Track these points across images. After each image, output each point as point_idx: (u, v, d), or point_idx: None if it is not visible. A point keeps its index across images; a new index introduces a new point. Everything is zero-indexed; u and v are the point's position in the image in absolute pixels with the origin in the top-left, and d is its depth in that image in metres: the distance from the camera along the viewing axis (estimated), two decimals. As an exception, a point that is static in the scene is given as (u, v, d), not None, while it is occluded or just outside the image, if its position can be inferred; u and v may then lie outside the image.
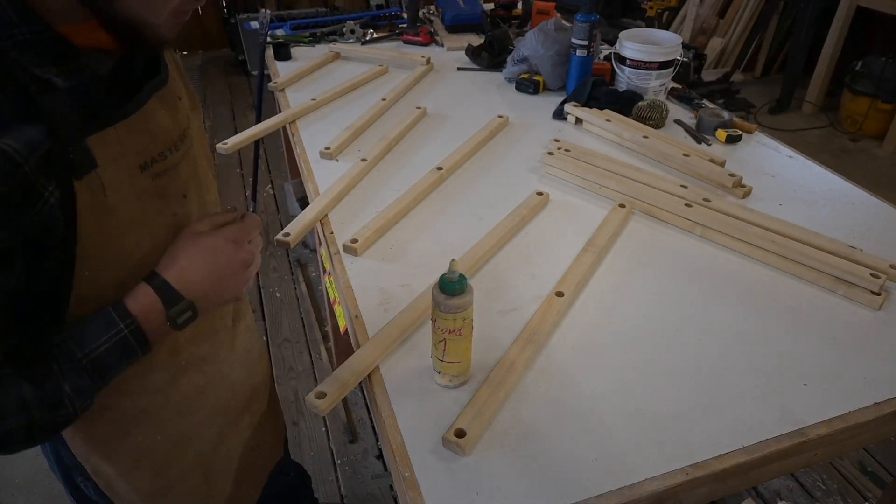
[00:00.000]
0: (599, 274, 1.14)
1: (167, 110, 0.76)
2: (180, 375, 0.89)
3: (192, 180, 0.82)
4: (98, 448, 0.87)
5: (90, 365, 0.68)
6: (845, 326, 1.03)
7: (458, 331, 0.84)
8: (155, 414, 0.89)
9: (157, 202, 0.75)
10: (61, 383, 0.66)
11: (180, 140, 0.78)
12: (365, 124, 1.63)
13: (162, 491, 0.96)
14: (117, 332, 0.70)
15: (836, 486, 1.90)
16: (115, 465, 0.89)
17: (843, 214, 1.31)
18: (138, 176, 0.71)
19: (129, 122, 0.69)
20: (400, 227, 1.27)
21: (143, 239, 0.74)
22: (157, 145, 0.73)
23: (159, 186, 0.74)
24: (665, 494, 0.78)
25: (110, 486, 0.92)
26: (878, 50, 3.92)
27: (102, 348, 0.69)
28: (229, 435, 1.05)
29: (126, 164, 0.69)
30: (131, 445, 0.89)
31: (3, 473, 1.98)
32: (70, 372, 0.67)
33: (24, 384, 0.64)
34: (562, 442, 0.83)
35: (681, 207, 1.25)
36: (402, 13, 2.46)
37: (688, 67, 2.01)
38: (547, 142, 1.55)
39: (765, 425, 0.86)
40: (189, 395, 0.92)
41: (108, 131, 0.66)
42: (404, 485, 0.78)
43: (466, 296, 0.83)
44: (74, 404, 0.68)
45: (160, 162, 0.73)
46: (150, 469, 0.93)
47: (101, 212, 0.67)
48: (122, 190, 0.69)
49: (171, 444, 0.94)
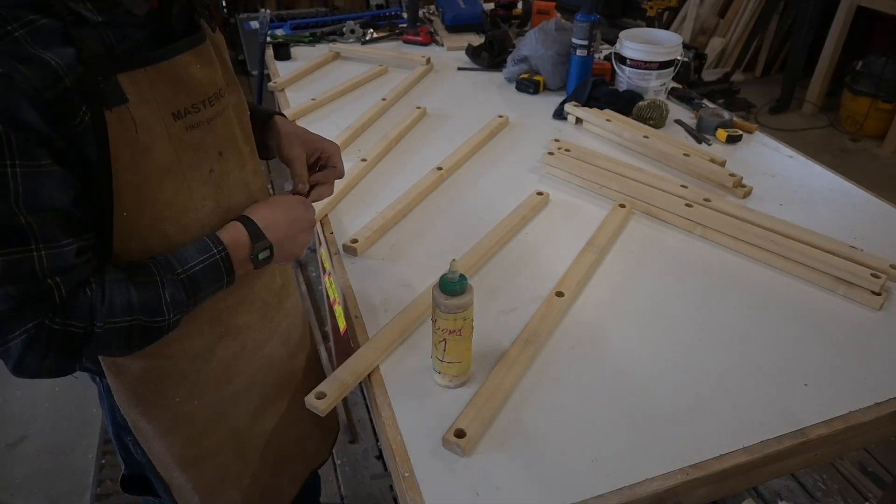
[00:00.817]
0: (599, 274, 1.14)
1: (203, 66, 0.79)
2: (218, 343, 0.94)
3: (229, 141, 0.86)
4: (139, 405, 0.93)
5: (187, 280, 0.77)
6: (845, 326, 1.03)
7: (459, 331, 0.84)
8: (192, 378, 0.94)
9: (191, 154, 0.80)
10: (162, 292, 0.75)
11: (215, 97, 0.82)
12: (365, 124, 1.63)
13: (196, 460, 1.01)
14: (211, 256, 0.79)
15: (836, 487, 1.90)
16: (153, 424, 0.95)
17: (844, 214, 1.31)
18: (172, 123, 0.76)
19: (160, 67, 0.73)
20: (400, 227, 1.27)
21: (181, 190, 0.79)
22: (189, 96, 0.78)
23: (194, 139, 0.79)
24: (665, 494, 0.78)
25: (149, 444, 0.98)
26: (879, 50, 3.92)
27: (198, 267, 0.78)
28: (266, 416, 1.09)
29: (158, 107, 0.74)
30: (169, 407, 0.94)
31: (3, 473, 1.98)
32: (170, 283, 0.76)
33: (133, 288, 0.73)
34: (562, 442, 0.83)
35: (681, 207, 1.25)
36: (402, 13, 2.46)
37: (688, 67, 2.01)
38: (547, 142, 1.55)
39: (765, 425, 0.86)
40: (225, 361, 0.96)
41: (138, 72, 0.71)
42: (404, 485, 0.78)
43: (466, 296, 0.83)
44: (170, 314, 0.77)
45: (193, 114, 0.78)
46: (185, 435, 0.98)
47: (135, 149, 0.73)
48: (155, 132, 0.74)
49: (207, 412, 0.99)
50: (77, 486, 1.94)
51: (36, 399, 2.23)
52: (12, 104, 0.63)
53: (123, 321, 0.73)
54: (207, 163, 0.82)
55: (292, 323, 1.10)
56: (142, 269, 0.75)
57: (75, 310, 0.70)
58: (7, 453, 2.05)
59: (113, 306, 0.72)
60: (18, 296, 0.67)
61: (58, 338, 0.69)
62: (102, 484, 1.95)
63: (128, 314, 0.73)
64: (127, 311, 0.73)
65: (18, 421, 2.16)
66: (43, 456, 2.04)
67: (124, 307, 0.72)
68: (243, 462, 1.09)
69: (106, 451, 2.05)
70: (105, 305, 0.71)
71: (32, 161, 0.65)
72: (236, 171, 0.88)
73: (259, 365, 1.03)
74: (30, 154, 0.65)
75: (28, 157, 0.65)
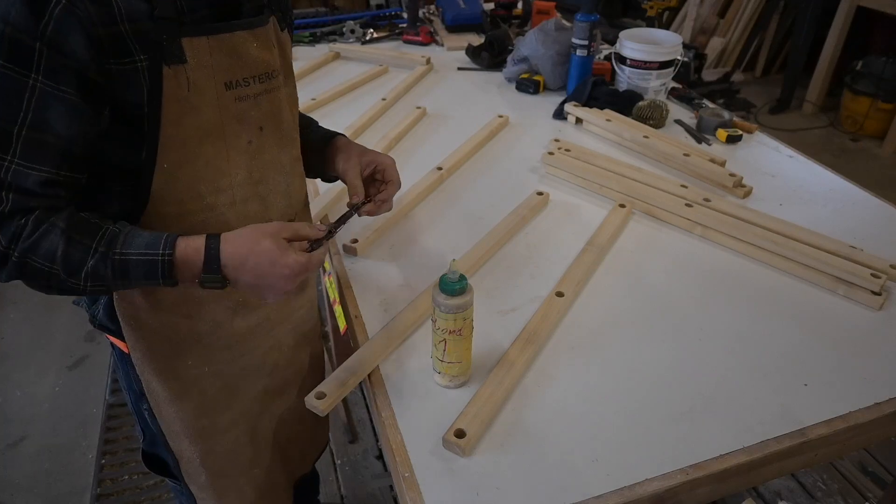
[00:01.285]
0: (599, 274, 1.14)
1: (259, 45, 0.84)
2: (235, 314, 0.96)
3: (272, 119, 0.89)
4: (152, 363, 0.96)
5: (118, 262, 0.77)
6: (845, 326, 1.03)
7: (459, 331, 0.84)
8: (207, 342, 0.96)
9: (235, 124, 0.84)
10: (88, 259, 0.76)
11: (266, 76, 0.86)
12: (365, 124, 1.63)
13: (205, 433, 1.03)
14: (153, 255, 0.78)
15: (836, 487, 1.90)
16: (165, 385, 0.98)
17: (844, 214, 1.31)
18: (223, 92, 0.81)
19: (220, 38, 0.79)
20: (400, 227, 1.27)
21: (219, 154, 0.83)
22: (242, 70, 0.82)
23: (240, 109, 0.83)
24: (665, 495, 0.78)
25: (159, 407, 1.01)
26: (879, 50, 3.92)
27: (134, 257, 0.77)
28: (275, 404, 1.11)
29: (213, 74, 0.79)
30: (182, 370, 0.97)
31: (3, 473, 1.98)
32: (100, 256, 0.76)
33: (63, 243, 0.74)
34: (562, 442, 0.83)
35: (681, 207, 1.25)
36: (402, 13, 2.46)
37: (688, 67, 2.01)
38: (547, 142, 1.55)
39: (765, 425, 0.86)
40: (239, 332, 0.99)
41: (201, 39, 0.77)
42: (404, 485, 0.78)
43: (466, 296, 0.83)
44: (87, 282, 0.77)
45: (243, 87, 0.83)
46: (196, 403, 1.01)
47: (185, 106, 0.78)
48: (206, 96, 0.79)
49: (217, 383, 1.01)
50: (77, 486, 1.94)
51: (36, 399, 2.23)
52: (62, 29, 0.68)
53: (42, 265, 0.75)
54: (247, 134, 0.86)
55: (306, 314, 1.12)
56: (88, 230, 0.77)
57: (4, 228, 0.73)
58: (7, 453, 2.05)
59: (37, 246, 0.74)
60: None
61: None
62: (102, 484, 1.95)
63: (48, 261, 0.75)
64: (48, 258, 0.74)
65: (18, 421, 2.16)
66: (43, 456, 2.04)
67: (47, 254, 0.74)
68: (253, 449, 1.11)
69: (106, 452, 2.05)
70: (30, 241, 0.74)
71: (55, 83, 0.70)
72: (274, 149, 0.91)
73: (269, 345, 1.05)
74: (56, 76, 0.70)
75: (53, 79, 0.69)
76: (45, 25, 0.67)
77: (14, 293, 2.68)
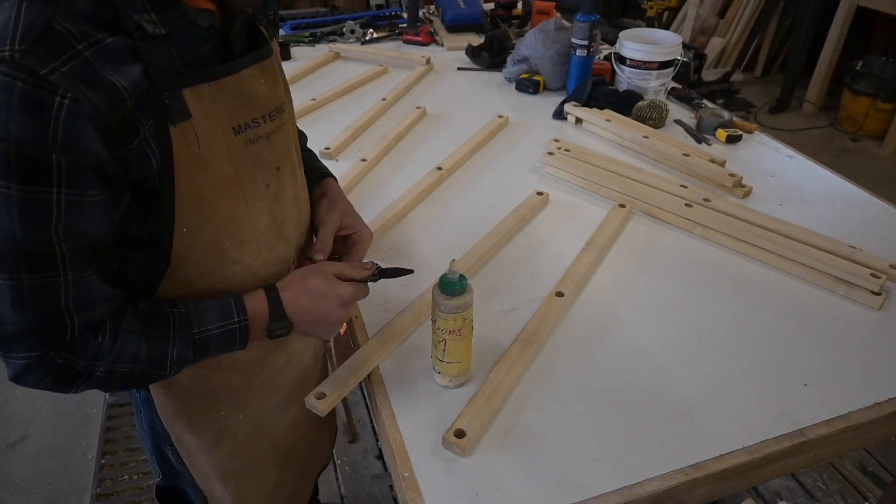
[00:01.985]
0: (599, 274, 1.14)
1: (267, 81, 0.79)
2: (267, 357, 0.95)
3: (286, 155, 0.85)
4: (185, 418, 0.93)
5: (200, 342, 0.77)
6: (845, 326, 1.03)
7: (459, 331, 0.84)
8: (240, 391, 0.94)
9: (250, 169, 0.78)
10: (171, 350, 0.75)
11: (276, 112, 0.80)
12: (365, 124, 1.63)
13: (237, 473, 1.01)
14: (231, 323, 0.78)
15: (836, 487, 1.90)
16: (198, 437, 0.95)
17: (843, 214, 1.31)
18: (232, 137, 0.75)
19: (224, 82, 0.73)
20: (400, 227, 1.27)
21: (238, 204, 0.78)
22: (250, 111, 0.76)
23: (253, 153, 0.78)
24: (665, 494, 0.78)
25: (191, 457, 0.98)
26: (878, 50, 3.91)
27: (214, 332, 0.77)
28: (300, 424, 1.09)
29: (219, 122, 0.73)
30: (216, 420, 0.95)
31: (3, 473, 1.98)
32: (181, 342, 0.76)
33: (143, 342, 0.74)
34: (562, 442, 0.83)
35: (681, 207, 1.25)
36: (402, 13, 2.46)
37: (688, 67, 2.01)
38: (547, 142, 1.55)
39: (765, 425, 0.86)
40: (271, 375, 0.97)
41: (202, 87, 0.71)
42: (404, 485, 0.78)
43: (466, 296, 0.83)
44: (172, 369, 0.77)
45: (253, 128, 0.77)
46: (229, 448, 0.98)
47: (197, 164, 0.72)
48: (216, 146, 0.73)
49: (249, 426, 0.99)
50: (77, 486, 1.94)
51: (36, 399, 2.23)
52: (74, 130, 0.61)
53: (126, 368, 0.73)
54: (264, 177, 0.81)
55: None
56: (158, 321, 0.75)
57: (82, 350, 0.70)
58: (7, 453, 2.05)
59: (120, 355, 0.72)
60: (34, 322, 0.67)
61: (58, 369, 0.70)
62: (102, 484, 1.95)
63: (131, 363, 0.73)
64: (132, 360, 0.73)
65: (18, 421, 2.16)
66: (43, 456, 2.04)
67: (130, 357, 0.73)
68: (278, 471, 1.08)
69: (106, 452, 2.05)
70: (112, 354, 0.72)
71: (80, 190, 0.64)
72: (290, 185, 0.87)
73: (297, 375, 1.03)
74: (80, 182, 0.64)
75: (77, 186, 0.64)
76: (53, 132, 0.60)
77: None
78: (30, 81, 0.59)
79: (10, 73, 0.58)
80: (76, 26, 0.61)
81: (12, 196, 0.61)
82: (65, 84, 0.60)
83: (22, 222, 0.62)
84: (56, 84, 0.59)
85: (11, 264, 0.64)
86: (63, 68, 0.60)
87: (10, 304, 0.65)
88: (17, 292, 0.65)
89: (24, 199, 0.61)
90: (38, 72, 0.59)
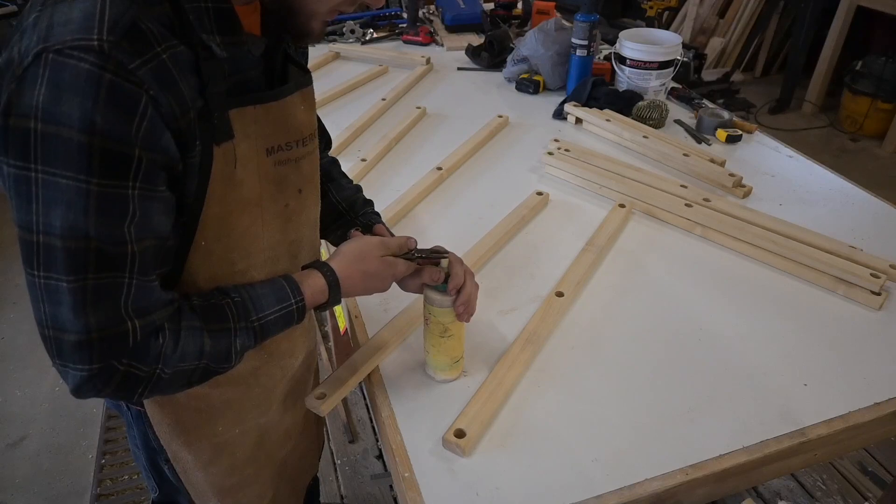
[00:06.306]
0: (599, 274, 1.14)
1: (306, 108, 0.81)
2: (261, 368, 0.93)
3: (311, 179, 0.86)
4: (182, 436, 0.91)
5: (260, 328, 0.77)
6: (845, 326, 1.03)
7: (450, 326, 0.86)
8: (236, 405, 0.93)
9: (273, 189, 0.79)
10: (234, 340, 0.75)
11: (309, 138, 0.82)
12: (365, 124, 1.63)
13: (234, 489, 1.00)
14: (288, 306, 0.79)
15: (836, 486, 1.90)
16: (195, 454, 0.93)
17: (843, 214, 1.31)
18: (264, 158, 0.76)
19: (268, 106, 0.74)
20: (400, 228, 1.27)
21: (255, 222, 0.79)
22: (286, 135, 0.78)
23: (279, 174, 0.79)
24: (665, 494, 0.78)
25: (187, 473, 0.96)
26: (878, 50, 3.91)
27: (273, 316, 0.78)
28: (293, 435, 1.08)
29: (255, 143, 0.74)
30: (212, 436, 0.93)
31: (3, 473, 1.98)
32: (242, 331, 0.75)
33: (206, 337, 0.72)
34: (561, 442, 0.83)
35: (681, 207, 1.25)
36: (402, 13, 2.46)
37: (688, 67, 2.01)
38: (547, 142, 1.55)
39: (765, 425, 0.86)
40: (267, 387, 0.96)
41: (248, 109, 0.72)
42: (404, 485, 0.78)
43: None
44: (236, 359, 0.77)
45: (285, 151, 0.78)
46: (227, 464, 0.97)
47: (230, 184, 0.73)
48: (249, 167, 0.74)
49: (247, 440, 0.98)
50: (77, 486, 1.94)
51: (36, 399, 2.23)
52: (155, 126, 0.61)
53: (191, 365, 0.72)
54: (284, 198, 0.81)
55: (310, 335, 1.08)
56: (217, 314, 0.74)
57: (145, 355, 0.68)
58: (7, 453, 2.05)
59: (185, 354, 0.71)
60: (96, 330, 0.64)
61: (120, 377, 0.67)
62: (102, 484, 1.95)
63: (196, 360, 0.72)
64: (196, 357, 0.72)
65: (18, 421, 2.16)
66: (43, 456, 2.04)
67: (195, 354, 0.72)
68: (273, 488, 1.08)
69: (106, 452, 2.05)
70: (177, 354, 0.70)
71: (153, 185, 0.64)
72: (311, 208, 0.88)
73: (290, 387, 1.02)
74: (154, 178, 0.64)
75: (151, 181, 0.64)
76: (138, 127, 0.60)
77: (14, 293, 2.68)
78: (120, 74, 0.58)
79: (97, 64, 0.57)
80: (157, 28, 0.62)
81: (91, 191, 0.59)
82: (149, 81, 0.60)
83: (98, 219, 0.61)
84: (142, 80, 0.59)
85: (80, 264, 0.61)
86: (146, 66, 0.60)
87: (72, 309, 0.62)
88: (81, 296, 0.62)
89: (104, 194, 0.60)
90: (127, 65, 0.58)
